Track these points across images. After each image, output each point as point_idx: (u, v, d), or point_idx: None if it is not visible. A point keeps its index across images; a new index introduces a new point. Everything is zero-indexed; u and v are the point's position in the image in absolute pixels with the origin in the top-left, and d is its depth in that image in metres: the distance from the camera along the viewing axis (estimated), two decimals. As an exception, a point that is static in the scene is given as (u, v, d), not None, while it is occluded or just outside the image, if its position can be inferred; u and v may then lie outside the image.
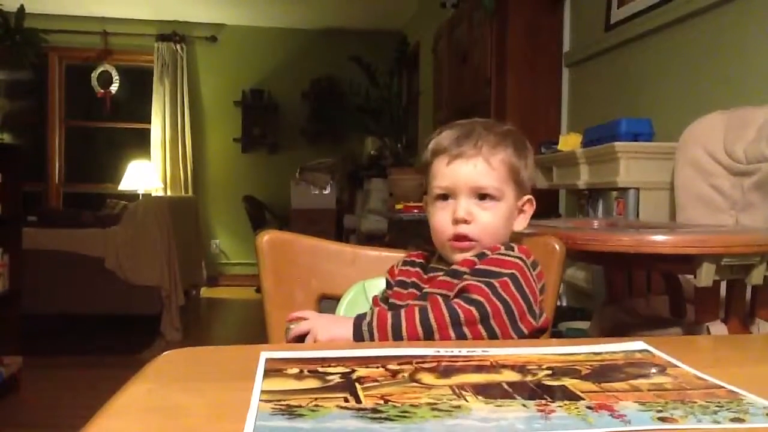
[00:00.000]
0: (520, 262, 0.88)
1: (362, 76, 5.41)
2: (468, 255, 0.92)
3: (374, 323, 0.82)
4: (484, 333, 0.80)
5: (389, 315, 0.82)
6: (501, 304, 0.81)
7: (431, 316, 0.80)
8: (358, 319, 0.84)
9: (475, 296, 0.81)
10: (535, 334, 0.87)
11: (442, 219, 0.94)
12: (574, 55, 3.16)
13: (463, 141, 0.93)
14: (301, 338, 0.86)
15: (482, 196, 0.92)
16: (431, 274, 0.96)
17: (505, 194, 0.93)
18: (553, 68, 3.25)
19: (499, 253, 0.89)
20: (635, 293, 1.79)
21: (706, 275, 1.20)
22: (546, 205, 3.14)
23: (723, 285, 1.33)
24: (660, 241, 1.20)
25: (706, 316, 1.34)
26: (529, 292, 0.86)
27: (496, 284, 0.83)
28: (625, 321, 1.65)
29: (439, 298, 0.84)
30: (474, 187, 0.92)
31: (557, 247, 1.06)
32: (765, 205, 1.70)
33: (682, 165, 1.94)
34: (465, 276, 0.88)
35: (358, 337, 0.82)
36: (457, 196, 0.93)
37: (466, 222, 0.92)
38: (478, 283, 0.83)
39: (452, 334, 0.79)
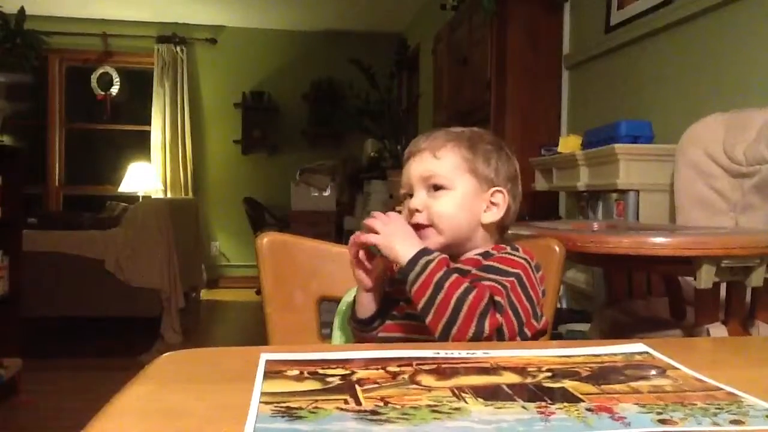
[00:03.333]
0: (525, 263, 0.88)
1: (362, 78, 5.41)
2: (429, 245, 0.93)
3: (431, 266, 0.83)
4: (495, 335, 0.81)
5: (442, 271, 0.83)
6: (510, 309, 0.82)
7: (471, 296, 0.80)
8: (421, 253, 0.84)
9: (496, 298, 0.82)
10: (536, 335, 0.88)
11: (403, 216, 0.97)
12: (574, 58, 3.16)
13: (417, 142, 0.98)
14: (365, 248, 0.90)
15: (436, 188, 0.94)
16: None
17: (457, 184, 0.94)
18: (553, 70, 3.26)
19: (506, 253, 0.90)
20: (635, 295, 1.79)
21: (705, 277, 1.21)
22: (546, 207, 3.14)
23: (723, 287, 1.33)
24: (660, 243, 1.20)
25: (706, 318, 1.34)
26: (533, 294, 0.86)
27: (508, 286, 0.84)
28: (625, 323, 1.65)
29: (487, 289, 0.83)
30: (422, 178, 0.95)
31: (557, 248, 1.06)
32: (765, 207, 1.70)
33: (681, 167, 1.95)
34: (473, 273, 0.88)
35: (411, 265, 0.84)
36: (414, 192, 0.96)
37: (418, 211, 0.94)
38: (496, 285, 0.84)
39: (474, 323, 0.79)
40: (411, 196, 0.97)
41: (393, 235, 0.86)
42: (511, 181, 0.99)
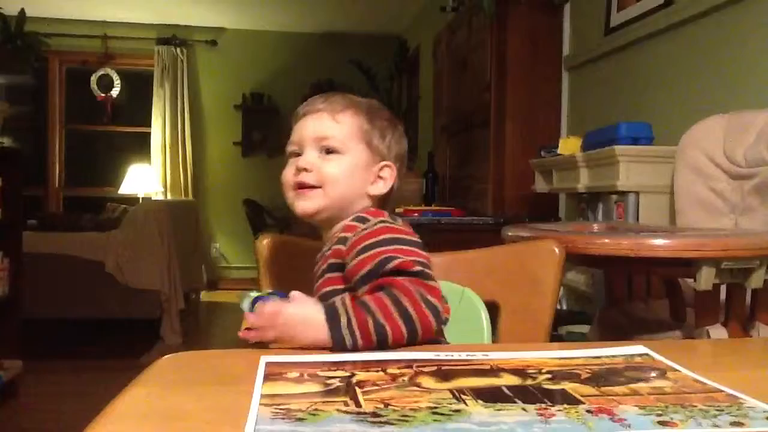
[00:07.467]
0: (382, 225, 0.88)
1: (362, 80, 5.41)
2: (312, 206, 0.91)
3: (354, 327, 0.72)
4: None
5: (369, 317, 0.73)
6: (422, 267, 0.80)
7: (406, 304, 0.75)
8: (335, 330, 0.72)
9: (416, 269, 0.80)
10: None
11: (287, 172, 0.95)
12: (573, 59, 3.17)
13: (313, 101, 0.96)
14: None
15: (328, 151, 0.93)
16: (323, 254, 0.94)
17: (351, 150, 0.93)
18: (552, 72, 3.26)
19: (364, 230, 0.87)
20: (635, 297, 1.79)
21: (705, 279, 1.21)
22: (545, 208, 3.14)
23: (723, 289, 1.33)
24: (660, 244, 1.20)
25: (706, 320, 1.34)
26: (407, 236, 0.87)
27: (401, 256, 0.81)
28: (625, 325, 1.65)
29: (401, 283, 0.78)
30: (316, 138, 0.93)
31: (557, 250, 1.06)
32: (764, 209, 1.70)
33: (681, 168, 1.95)
34: (349, 259, 0.85)
35: (340, 344, 0.72)
36: (304, 151, 0.94)
37: (306, 170, 0.92)
38: (400, 261, 0.80)
39: (427, 313, 0.76)
40: (298, 154, 0.95)
41: (285, 327, 0.73)
42: (400, 160, 1.00)
